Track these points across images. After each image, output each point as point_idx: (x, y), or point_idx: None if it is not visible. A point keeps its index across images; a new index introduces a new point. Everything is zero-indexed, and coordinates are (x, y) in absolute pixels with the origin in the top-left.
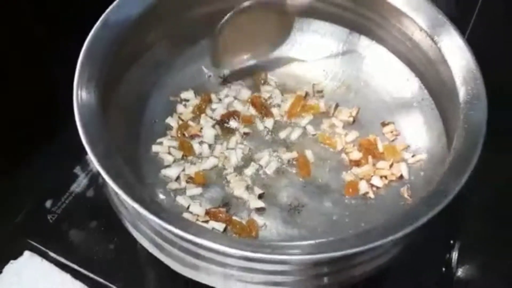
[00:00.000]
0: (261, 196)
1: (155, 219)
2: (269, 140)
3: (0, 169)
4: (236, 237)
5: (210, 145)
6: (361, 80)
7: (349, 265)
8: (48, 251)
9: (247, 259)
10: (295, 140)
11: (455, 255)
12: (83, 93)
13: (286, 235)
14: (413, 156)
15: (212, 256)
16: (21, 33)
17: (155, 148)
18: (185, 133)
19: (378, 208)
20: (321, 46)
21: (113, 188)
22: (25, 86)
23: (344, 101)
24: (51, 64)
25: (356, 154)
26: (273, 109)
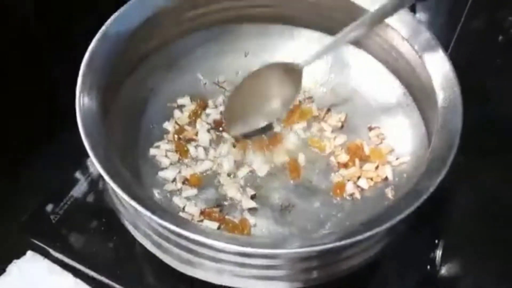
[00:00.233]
0: (253, 197)
1: (153, 216)
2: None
3: (4, 172)
4: (229, 234)
5: (205, 149)
6: (349, 87)
7: (336, 259)
8: (50, 250)
9: (239, 254)
10: (288, 145)
11: (439, 253)
12: (85, 100)
13: (277, 233)
14: (397, 159)
15: (206, 252)
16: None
17: (152, 151)
18: (181, 137)
19: (363, 207)
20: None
21: (113, 188)
22: (27, 94)
23: (333, 107)
24: (53, 72)
25: (344, 157)
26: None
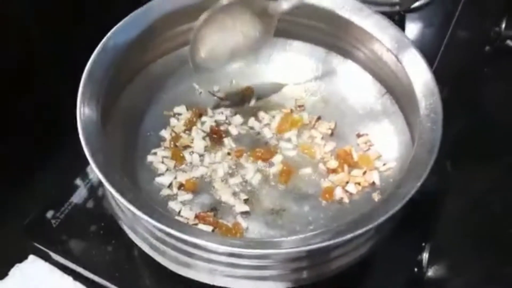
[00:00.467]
0: (246, 201)
1: (150, 220)
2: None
3: (8, 180)
4: (222, 236)
5: (200, 155)
6: (338, 95)
7: (324, 259)
8: (51, 253)
9: (230, 255)
10: (280, 151)
11: (426, 256)
12: (85, 110)
13: (268, 236)
14: (384, 165)
15: (200, 253)
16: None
17: (150, 158)
18: (177, 144)
19: (351, 211)
20: (301, 65)
21: (112, 193)
22: (30, 105)
23: (323, 115)
24: (54, 82)
25: (333, 163)
26: (264, 128)
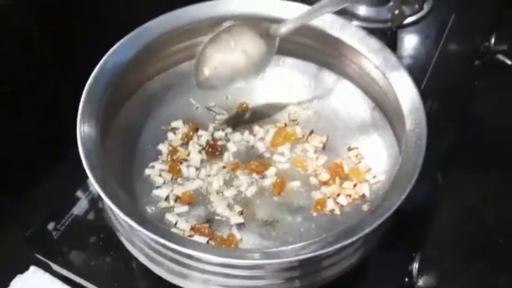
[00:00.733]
0: (240, 213)
1: (147, 232)
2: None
3: (10, 193)
4: (216, 247)
5: (196, 169)
6: (330, 110)
7: (316, 269)
8: (51, 264)
9: (223, 265)
10: (274, 165)
11: (416, 266)
12: (85, 127)
13: (262, 246)
14: (374, 177)
15: (195, 264)
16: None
17: (147, 171)
18: (174, 158)
19: (342, 222)
20: (294, 80)
21: (110, 206)
22: (32, 121)
23: (316, 129)
24: (56, 98)
25: (324, 176)
26: (258, 143)
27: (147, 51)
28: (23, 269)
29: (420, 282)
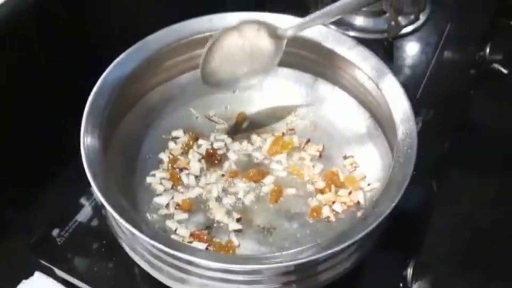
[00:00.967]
0: (238, 220)
1: (148, 239)
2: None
3: (17, 201)
4: (214, 252)
5: (196, 177)
6: (326, 120)
7: (311, 274)
8: (55, 270)
9: (221, 270)
10: (271, 173)
11: (410, 272)
12: (88, 138)
13: (259, 252)
14: (368, 185)
15: (194, 270)
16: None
17: (148, 179)
18: (174, 166)
19: (337, 229)
20: (292, 90)
21: (112, 214)
22: (38, 133)
23: (312, 138)
24: (60, 109)
25: (320, 184)
26: (256, 151)
27: (148, 64)
28: (28, 274)
29: (414, 287)
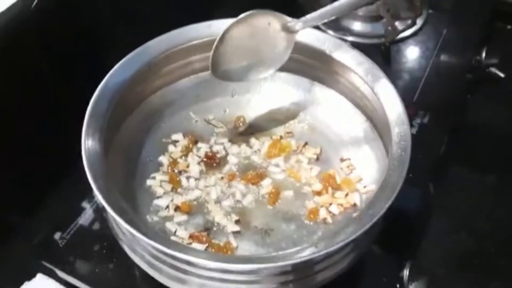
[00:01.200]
0: (237, 222)
1: (148, 240)
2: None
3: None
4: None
5: (195, 179)
6: (323, 123)
7: (308, 273)
8: (57, 271)
9: (220, 270)
10: (269, 175)
11: (406, 273)
12: (89, 141)
13: (257, 253)
14: (364, 187)
15: (193, 270)
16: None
17: (149, 182)
18: (174, 169)
19: (333, 230)
20: (290, 94)
21: (113, 216)
22: (39, 139)
23: (310, 141)
24: (61, 113)
25: (317, 186)
26: (254, 154)
27: (148, 69)
28: (30, 276)
29: None
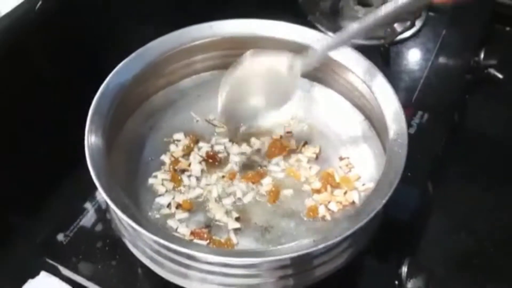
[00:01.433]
0: (237, 219)
1: (151, 235)
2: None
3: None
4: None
5: (197, 178)
6: (323, 122)
7: (306, 268)
8: (60, 268)
9: (220, 264)
10: (269, 174)
11: (405, 270)
12: (92, 140)
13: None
14: (363, 185)
15: (194, 264)
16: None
17: (151, 180)
18: (176, 168)
19: (332, 227)
20: None
21: (115, 211)
22: (42, 140)
23: (309, 140)
24: (65, 116)
25: (317, 184)
26: (254, 156)
27: (150, 69)
28: (34, 274)
29: (409, 285)
